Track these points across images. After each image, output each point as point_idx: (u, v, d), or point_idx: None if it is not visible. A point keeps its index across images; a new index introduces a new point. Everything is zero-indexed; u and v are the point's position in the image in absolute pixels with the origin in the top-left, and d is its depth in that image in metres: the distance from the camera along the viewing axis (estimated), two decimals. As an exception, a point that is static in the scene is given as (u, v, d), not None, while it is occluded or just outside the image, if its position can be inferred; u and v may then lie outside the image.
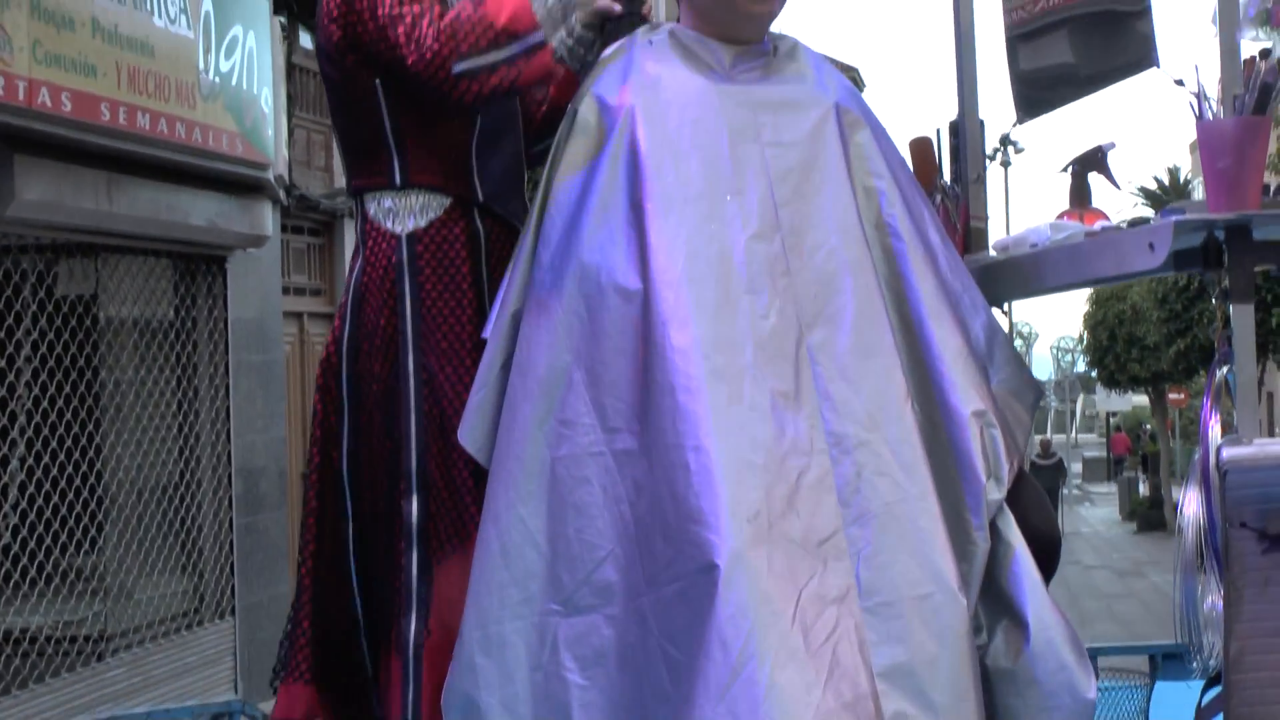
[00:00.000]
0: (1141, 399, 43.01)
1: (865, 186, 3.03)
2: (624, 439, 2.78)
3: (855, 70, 43.76)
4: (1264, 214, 2.97)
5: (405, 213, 3.26)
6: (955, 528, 2.78)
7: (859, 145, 3.07)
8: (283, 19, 10.23)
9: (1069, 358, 55.72)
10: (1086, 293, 30.68)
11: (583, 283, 2.87)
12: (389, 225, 3.26)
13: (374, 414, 3.24)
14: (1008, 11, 4.01)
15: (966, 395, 2.87)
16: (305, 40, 11.21)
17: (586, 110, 3.02)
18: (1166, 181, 30.52)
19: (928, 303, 2.94)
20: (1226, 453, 2.74)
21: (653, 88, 3.01)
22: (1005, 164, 40.47)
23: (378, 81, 3.19)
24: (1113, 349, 30.47)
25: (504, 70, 3.07)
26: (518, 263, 3.02)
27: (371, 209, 3.29)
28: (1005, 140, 40.03)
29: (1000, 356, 3.03)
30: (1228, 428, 2.94)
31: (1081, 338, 37.04)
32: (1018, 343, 50.21)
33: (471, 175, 3.29)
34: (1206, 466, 2.85)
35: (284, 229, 10.91)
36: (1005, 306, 3.59)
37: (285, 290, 10.99)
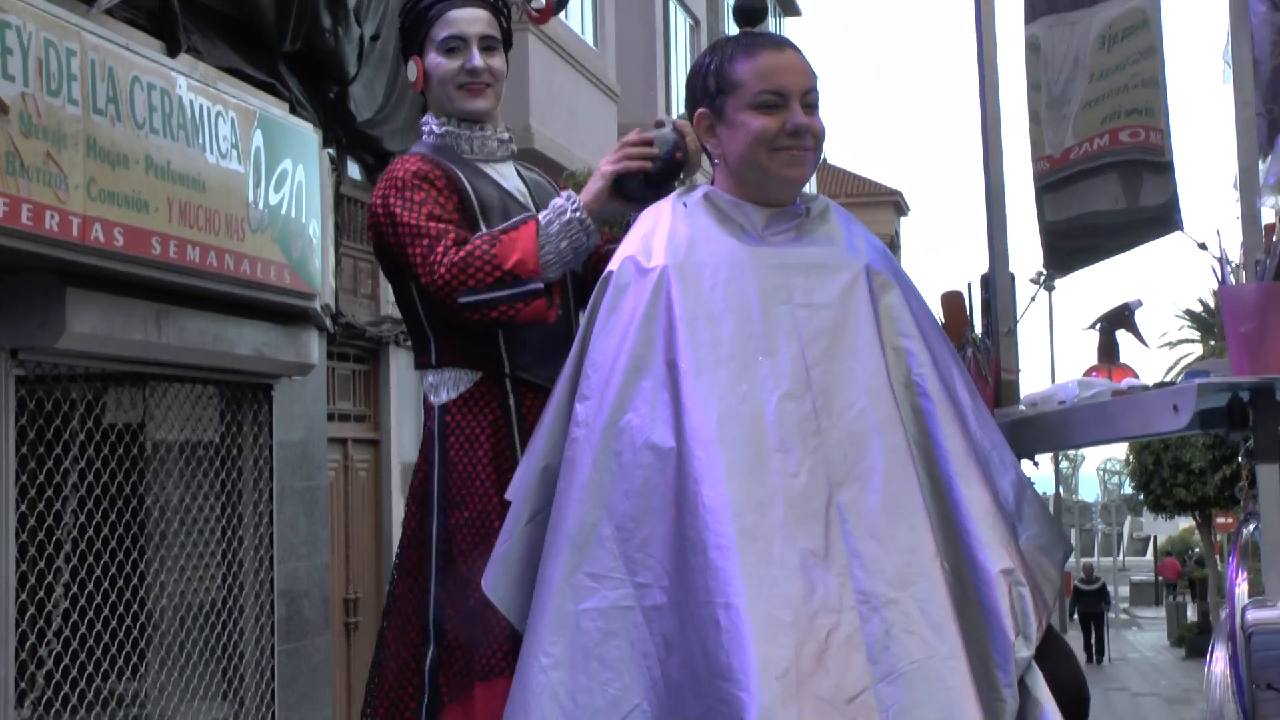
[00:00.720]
0: (1188, 522, 42.61)
1: (895, 347, 3.09)
2: (654, 595, 2.84)
3: (899, 194, 44.07)
4: (1289, 376, 3.02)
5: (442, 387, 3.56)
6: (984, 685, 2.81)
7: (889, 306, 3.14)
8: (332, 151, 10.44)
9: (1115, 480, 55.28)
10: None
11: (616, 440, 2.95)
12: (432, 398, 3.56)
13: (412, 573, 3.53)
14: (1035, 161, 4.09)
15: (995, 553, 2.91)
16: (353, 170, 11.43)
17: (622, 272, 3.11)
18: (1212, 304, 30.46)
19: (956, 461, 3.00)
20: (1252, 614, 2.77)
21: (687, 250, 3.10)
22: (1048, 293, 40.35)
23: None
24: (1158, 473, 30.27)
25: (504, 308, 3.33)
26: (549, 418, 3.10)
27: (424, 383, 3.60)
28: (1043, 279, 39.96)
29: (1029, 513, 3.08)
30: (1255, 587, 2.97)
31: (1127, 460, 36.81)
32: (1064, 464, 49.91)
33: (500, 351, 3.52)
34: (1234, 626, 2.88)
35: (329, 356, 11.05)
36: (1035, 460, 3.64)
37: (330, 417, 11.11)
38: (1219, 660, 2.94)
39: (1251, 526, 3.03)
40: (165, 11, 8.33)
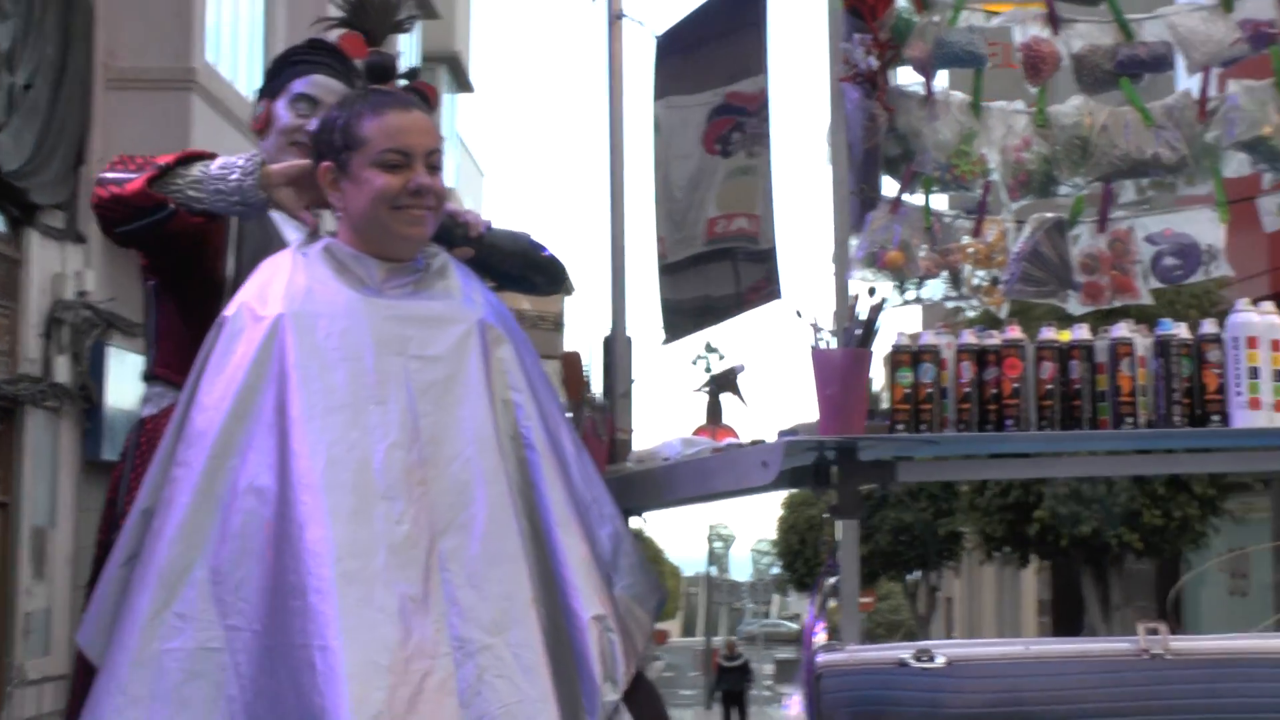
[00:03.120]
0: (833, 602, 43.90)
1: (504, 399, 3.18)
2: (244, 638, 2.85)
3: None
4: (869, 437, 3.23)
5: (150, 400, 3.57)
6: (573, 727, 2.91)
7: (500, 360, 3.23)
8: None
9: (766, 560, 56.75)
10: (782, 496, 31.49)
11: (217, 483, 2.95)
12: (141, 411, 3.56)
13: None
14: (658, 240, 4.28)
15: (588, 600, 3.02)
16: (-4, 222, 11.05)
17: (236, 318, 3.12)
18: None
19: (557, 511, 3.10)
20: (822, 658, 2.94)
21: (304, 299, 3.14)
22: (708, 369, 41.27)
23: (153, 284, 3.53)
24: (803, 552, 31.23)
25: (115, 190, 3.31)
26: (156, 460, 3.09)
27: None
28: (710, 347, 40.95)
29: (625, 564, 3.20)
30: (833, 635, 3.15)
31: (776, 541, 37.87)
32: (717, 544, 51.00)
33: None
34: (809, 670, 3.05)
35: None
36: (642, 515, 3.77)
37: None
38: (794, 704, 3.10)
39: (833, 579, 3.21)
40: None
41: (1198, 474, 11.27)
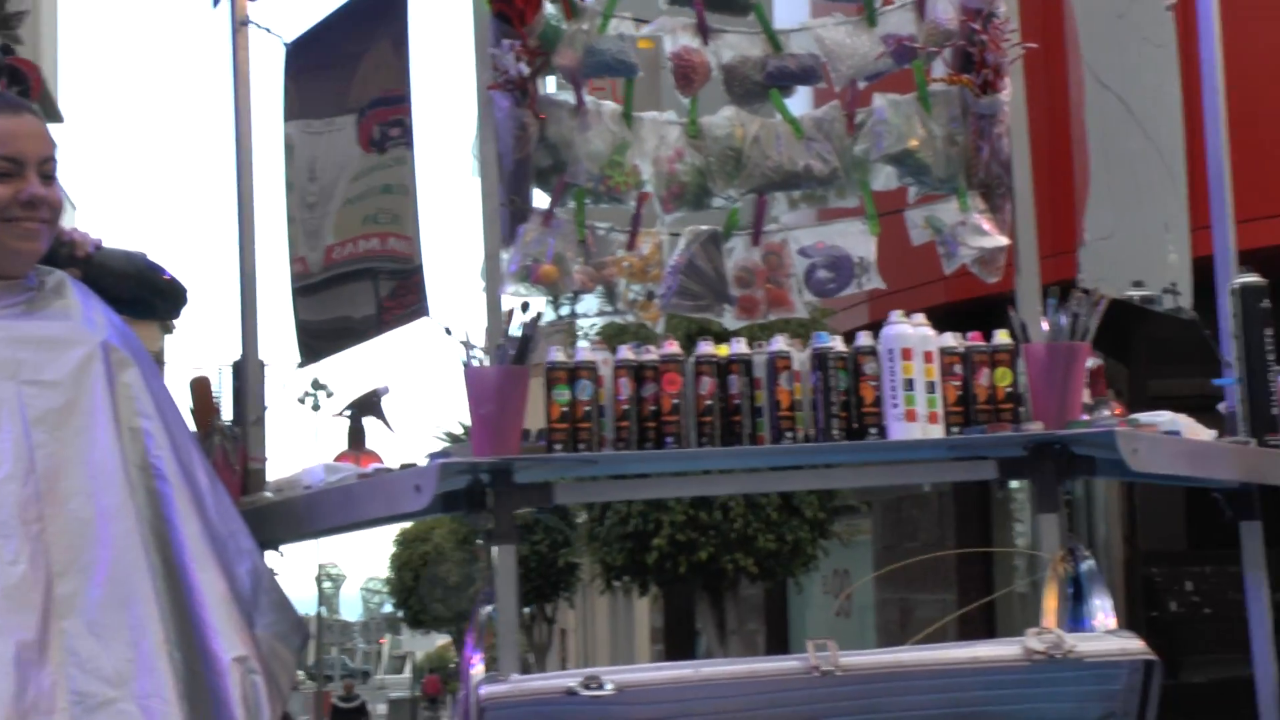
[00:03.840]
0: (445, 638, 43.83)
1: (132, 427, 2.95)
2: None
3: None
4: (524, 458, 3.10)
5: None
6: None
7: (126, 385, 2.98)
8: None
9: (378, 599, 56.17)
10: (394, 533, 31.15)
11: None
12: None
13: None
14: (292, 261, 4.06)
15: (229, 641, 2.84)
16: None
17: None
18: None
19: (191, 547, 2.89)
20: (485, 690, 2.80)
21: None
22: (315, 408, 40.76)
23: None
24: (417, 590, 30.94)
25: None
26: None
27: None
28: (317, 384, 40.34)
29: (266, 601, 3.01)
30: (490, 666, 3.00)
31: (389, 579, 37.42)
32: (326, 584, 50.19)
33: None
34: (468, 704, 2.89)
35: None
36: (279, 549, 3.54)
37: None
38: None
39: (488, 608, 3.07)
40: None
41: (808, 498, 11.60)
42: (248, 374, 3.88)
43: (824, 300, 3.63)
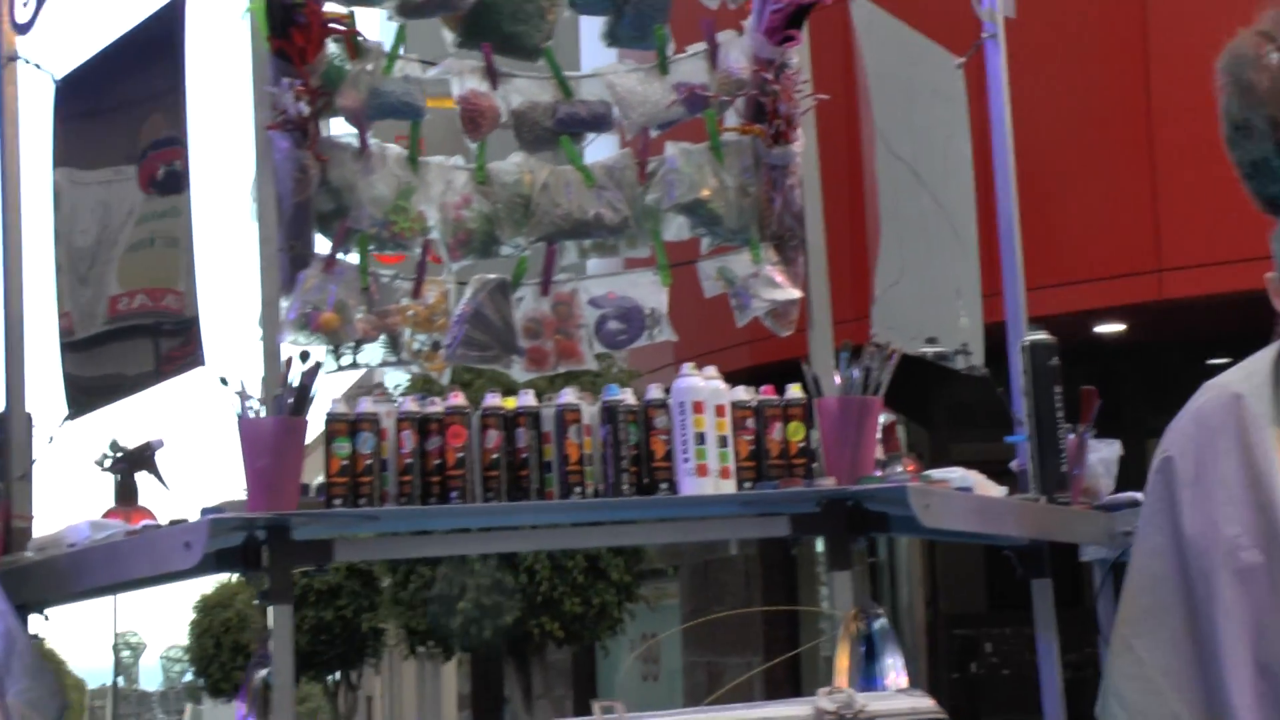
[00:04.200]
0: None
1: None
2: None
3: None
4: (303, 513, 2.97)
5: None
6: None
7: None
8: None
9: (179, 668, 54.66)
10: (195, 600, 30.34)
11: None
12: None
13: None
14: (59, 316, 3.86)
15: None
16: None
17: None
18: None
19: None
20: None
21: None
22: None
23: None
24: (218, 657, 30.15)
25: None
26: None
27: None
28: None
29: (19, 667, 2.84)
30: (261, 731, 2.86)
31: (189, 647, 36.42)
32: (125, 654, 48.72)
33: None
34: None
35: None
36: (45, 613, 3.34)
37: None
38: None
39: (263, 671, 2.92)
40: None
41: (614, 560, 11.52)
42: (13, 427, 3.67)
43: (630, 363, 3.57)
